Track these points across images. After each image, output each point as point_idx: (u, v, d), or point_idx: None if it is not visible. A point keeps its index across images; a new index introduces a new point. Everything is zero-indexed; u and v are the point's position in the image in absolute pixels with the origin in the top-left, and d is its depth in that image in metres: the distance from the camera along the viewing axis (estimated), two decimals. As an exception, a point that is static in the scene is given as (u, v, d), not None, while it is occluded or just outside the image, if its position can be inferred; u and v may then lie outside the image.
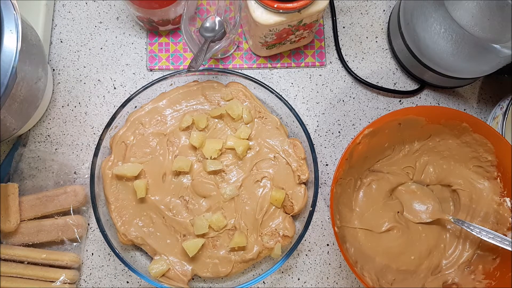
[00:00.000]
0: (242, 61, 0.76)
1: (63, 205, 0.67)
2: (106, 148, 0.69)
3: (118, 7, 0.78)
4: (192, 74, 0.71)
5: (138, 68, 0.75)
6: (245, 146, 0.67)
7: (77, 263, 0.66)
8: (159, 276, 0.64)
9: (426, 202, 0.70)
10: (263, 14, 0.63)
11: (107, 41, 0.76)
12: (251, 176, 0.68)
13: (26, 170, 0.69)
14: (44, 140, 0.72)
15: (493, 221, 0.67)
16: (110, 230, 0.65)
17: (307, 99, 0.76)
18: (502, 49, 0.61)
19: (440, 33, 0.64)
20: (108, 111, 0.74)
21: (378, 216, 0.68)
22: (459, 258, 0.68)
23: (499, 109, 0.70)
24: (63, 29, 0.76)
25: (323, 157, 0.74)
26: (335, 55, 0.77)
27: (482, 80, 0.78)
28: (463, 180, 0.69)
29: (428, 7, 0.65)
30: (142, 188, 0.65)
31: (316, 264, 0.70)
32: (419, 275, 0.67)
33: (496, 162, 0.65)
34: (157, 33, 0.76)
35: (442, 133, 0.68)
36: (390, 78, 0.77)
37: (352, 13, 0.79)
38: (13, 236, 0.66)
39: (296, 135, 0.71)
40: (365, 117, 0.76)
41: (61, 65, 0.75)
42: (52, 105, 0.74)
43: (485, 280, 0.64)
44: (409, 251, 0.67)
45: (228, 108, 0.69)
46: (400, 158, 0.70)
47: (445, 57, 0.67)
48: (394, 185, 0.70)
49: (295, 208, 0.67)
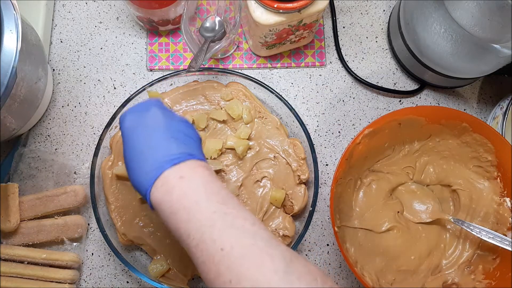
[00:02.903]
0: (242, 61, 0.76)
1: (63, 205, 0.67)
2: (106, 148, 0.69)
3: (118, 7, 0.78)
4: (192, 74, 0.71)
5: (138, 68, 0.75)
6: (245, 146, 0.67)
7: (77, 263, 0.66)
8: (159, 276, 0.64)
9: (426, 202, 0.70)
10: (263, 14, 0.63)
11: (107, 41, 0.76)
12: (251, 176, 0.68)
13: (26, 170, 0.69)
14: (44, 140, 0.72)
15: (493, 221, 0.67)
16: (110, 230, 0.65)
17: (307, 99, 0.76)
18: (502, 49, 0.61)
19: (440, 33, 0.64)
20: (108, 111, 0.74)
21: (378, 216, 0.68)
22: (459, 258, 0.68)
23: (499, 109, 0.70)
24: (63, 29, 0.76)
25: (323, 157, 0.74)
26: (335, 55, 0.77)
27: (482, 80, 0.78)
28: (463, 180, 0.69)
29: (428, 7, 0.65)
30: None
31: (316, 264, 0.70)
32: (419, 275, 0.67)
33: (496, 162, 0.65)
34: (157, 33, 0.76)
35: (442, 133, 0.68)
36: (390, 78, 0.77)
37: (352, 13, 0.79)
38: (13, 236, 0.66)
39: (296, 135, 0.71)
40: (365, 117, 0.76)
41: (61, 65, 0.75)
42: (52, 105, 0.74)
43: (485, 280, 0.64)
44: (409, 251, 0.67)
45: (228, 108, 0.69)
46: (400, 158, 0.70)
47: (445, 57, 0.67)
48: (394, 185, 0.70)
49: (295, 208, 0.67)
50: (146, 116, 0.52)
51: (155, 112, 0.52)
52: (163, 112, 0.52)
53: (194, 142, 0.52)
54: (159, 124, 0.51)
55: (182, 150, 0.49)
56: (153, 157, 0.49)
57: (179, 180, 0.47)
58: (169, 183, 0.47)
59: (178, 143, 0.50)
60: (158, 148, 0.49)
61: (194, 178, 0.48)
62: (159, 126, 0.51)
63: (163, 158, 0.48)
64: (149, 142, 0.50)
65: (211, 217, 0.45)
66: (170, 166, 0.48)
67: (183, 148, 0.50)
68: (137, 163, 0.49)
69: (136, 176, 0.49)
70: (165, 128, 0.51)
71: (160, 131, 0.50)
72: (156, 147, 0.49)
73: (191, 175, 0.48)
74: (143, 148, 0.49)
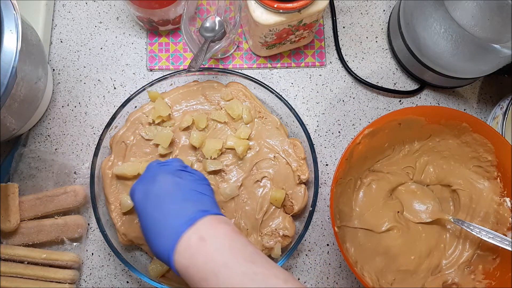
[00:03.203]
0: (242, 61, 0.76)
1: (63, 205, 0.67)
2: (106, 148, 0.69)
3: (118, 7, 0.78)
4: (192, 74, 0.71)
5: (138, 68, 0.75)
6: (245, 146, 0.67)
7: (77, 263, 0.66)
8: (159, 276, 0.64)
9: (426, 202, 0.70)
10: (263, 14, 0.63)
11: (107, 41, 0.76)
12: (251, 176, 0.68)
13: (26, 170, 0.69)
14: (44, 140, 0.72)
15: (493, 221, 0.67)
16: (110, 230, 0.65)
17: (307, 99, 0.76)
18: (502, 49, 0.61)
19: (440, 33, 0.64)
20: (108, 111, 0.74)
21: (378, 216, 0.68)
22: (459, 258, 0.68)
23: (499, 109, 0.70)
24: (63, 29, 0.76)
25: (323, 157, 0.74)
26: (335, 55, 0.77)
27: (482, 80, 0.78)
28: (463, 180, 0.69)
29: (428, 7, 0.65)
30: (142, 188, 0.65)
31: (316, 264, 0.70)
32: (419, 275, 0.67)
33: (496, 162, 0.65)
34: (157, 33, 0.76)
35: (442, 133, 0.68)
36: (390, 78, 0.77)
37: (352, 13, 0.79)
38: (13, 236, 0.66)
39: (296, 135, 0.71)
40: (365, 117, 0.76)
41: (61, 65, 0.75)
42: (52, 105, 0.74)
43: (485, 280, 0.64)
44: (409, 251, 0.67)
45: (228, 108, 0.69)
46: (400, 158, 0.70)
47: (445, 57, 0.67)
48: (394, 185, 0.70)
49: (295, 208, 0.67)
50: (154, 185, 0.52)
51: (163, 179, 0.52)
52: (171, 177, 0.52)
53: (207, 197, 0.52)
54: (168, 190, 0.51)
55: (196, 208, 0.49)
56: (169, 223, 0.48)
57: (201, 243, 0.46)
58: (191, 246, 0.46)
59: (191, 202, 0.50)
60: (172, 213, 0.49)
61: (216, 238, 0.47)
62: (169, 191, 0.51)
63: (178, 221, 0.48)
64: (162, 209, 0.49)
65: (242, 280, 0.44)
66: (187, 228, 0.47)
67: (197, 205, 0.49)
68: (154, 232, 0.49)
69: (155, 244, 0.49)
70: (175, 192, 0.50)
71: (171, 196, 0.50)
72: (170, 213, 0.49)
73: (212, 234, 0.47)
74: (158, 216, 0.49)
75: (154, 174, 0.53)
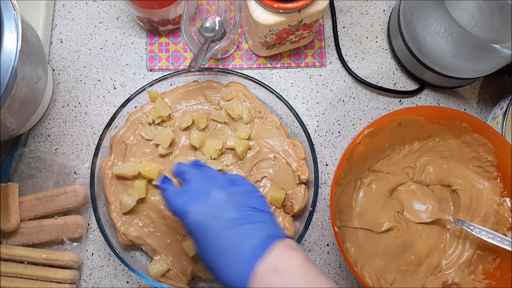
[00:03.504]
0: (242, 61, 0.76)
1: (63, 205, 0.67)
2: (106, 148, 0.69)
3: (118, 7, 0.78)
4: (192, 74, 0.71)
5: (138, 68, 0.75)
6: (245, 146, 0.67)
7: (77, 263, 0.66)
8: (159, 276, 0.64)
9: (426, 202, 0.70)
10: (263, 14, 0.63)
11: (107, 41, 0.76)
12: (251, 176, 0.68)
13: (26, 170, 0.69)
14: (44, 140, 0.72)
15: (493, 221, 0.67)
16: (110, 230, 0.65)
17: (307, 99, 0.76)
18: (502, 49, 0.61)
19: (440, 33, 0.64)
20: (108, 111, 0.74)
21: (378, 216, 0.68)
22: (459, 258, 0.68)
23: (499, 109, 0.70)
24: (63, 29, 0.76)
25: (323, 157, 0.74)
26: (335, 55, 0.77)
27: (482, 80, 0.78)
28: (463, 180, 0.69)
29: (428, 7, 0.65)
30: (142, 188, 0.65)
31: (316, 264, 0.70)
32: (419, 275, 0.67)
33: (496, 162, 0.65)
34: (157, 33, 0.76)
35: (442, 133, 0.68)
36: (390, 78, 0.77)
37: (352, 13, 0.79)
38: (13, 236, 0.66)
39: (296, 135, 0.71)
40: (365, 117, 0.76)
41: (61, 65, 0.75)
42: (52, 105, 0.74)
43: (485, 280, 0.64)
44: (409, 251, 0.67)
45: (228, 108, 0.69)
46: (400, 158, 0.70)
47: (445, 57, 0.67)
48: (394, 185, 0.70)
49: (295, 208, 0.67)
50: (209, 204, 0.48)
51: (217, 195, 0.49)
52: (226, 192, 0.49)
53: (268, 214, 0.49)
54: (227, 209, 0.48)
55: (264, 233, 0.47)
56: (236, 253, 0.46)
57: (276, 276, 0.44)
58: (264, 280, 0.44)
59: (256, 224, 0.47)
60: (237, 240, 0.46)
61: (291, 270, 0.45)
62: (229, 211, 0.48)
63: (248, 250, 0.45)
64: (225, 235, 0.46)
65: None
66: (258, 259, 0.45)
67: (263, 229, 0.47)
68: (221, 262, 0.46)
69: (225, 277, 0.46)
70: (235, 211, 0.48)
71: (232, 216, 0.47)
72: (235, 239, 0.46)
73: (285, 266, 0.45)
74: (221, 244, 0.46)
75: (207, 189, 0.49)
